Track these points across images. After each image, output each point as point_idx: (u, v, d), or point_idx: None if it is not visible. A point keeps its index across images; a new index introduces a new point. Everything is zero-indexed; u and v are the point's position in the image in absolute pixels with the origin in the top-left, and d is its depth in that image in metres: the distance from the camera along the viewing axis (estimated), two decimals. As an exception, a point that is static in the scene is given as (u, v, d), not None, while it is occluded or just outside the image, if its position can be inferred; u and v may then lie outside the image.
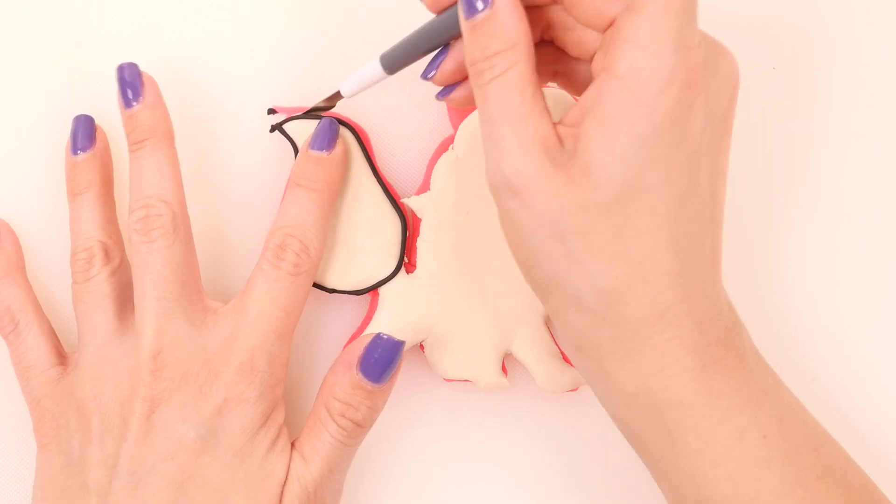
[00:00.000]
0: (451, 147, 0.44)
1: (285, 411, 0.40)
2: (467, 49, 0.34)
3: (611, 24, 0.34)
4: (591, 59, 0.36)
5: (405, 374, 0.45)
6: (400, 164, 0.46)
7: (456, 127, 0.45)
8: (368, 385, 0.40)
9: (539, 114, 0.34)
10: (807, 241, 0.47)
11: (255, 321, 0.39)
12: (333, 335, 0.45)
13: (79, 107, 0.45)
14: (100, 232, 0.42)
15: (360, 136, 0.44)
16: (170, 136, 0.42)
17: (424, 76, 0.38)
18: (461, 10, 0.34)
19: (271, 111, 0.44)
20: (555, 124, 0.34)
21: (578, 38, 0.36)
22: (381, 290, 0.44)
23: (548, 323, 0.44)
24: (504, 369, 0.44)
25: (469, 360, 0.44)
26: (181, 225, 0.40)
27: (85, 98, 0.45)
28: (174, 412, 0.38)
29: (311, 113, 0.43)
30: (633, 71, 0.32)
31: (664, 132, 0.32)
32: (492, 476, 0.45)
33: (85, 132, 0.43)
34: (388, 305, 0.44)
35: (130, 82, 0.42)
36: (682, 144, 0.33)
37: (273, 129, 0.44)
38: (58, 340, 0.43)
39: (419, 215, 0.44)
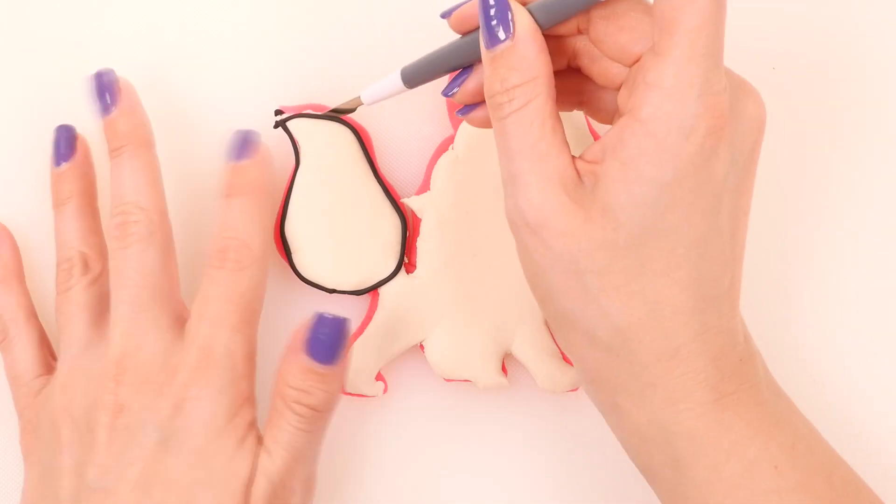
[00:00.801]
0: (451, 147, 0.44)
1: (256, 409, 0.40)
2: (487, 80, 0.34)
3: (637, 60, 0.34)
4: (617, 89, 0.35)
5: (405, 375, 0.45)
6: (400, 164, 0.46)
7: (456, 127, 0.45)
8: (319, 368, 0.38)
9: (558, 149, 0.33)
10: (819, 254, 0.47)
11: (206, 319, 0.39)
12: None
13: (79, 109, 0.45)
14: (80, 242, 0.42)
15: (361, 136, 0.44)
16: (147, 142, 0.42)
17: (446, 94, 0.37)
18: (482, 40, 0.34)
19: (278, 112, 0.44)
20: (574, 158, 0.34)
21: (605, 68, 0.36)
22: (381, 290, 0.44)
23: (547, 323, 0.44)
24: (504, 369, 0.44)
25: (469, 360, 0.44)
26: (157, 231, 0.40)
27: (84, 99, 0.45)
28: (136, 416, 0.38)
29: (330, 114, 0.43)
30: (656, 117, 0.32)
31: (687, 178, 0.32)
32: (492, 476, 0.45)
33: (66, 142, 0.44)
34: (388, 305, 0.44)
35: (108, 89, 0.42)
36: (704, 188, 0.32)
37: (277, 125, 0.44)
38: (49, 350, 0.43)
39: (419, 215, 0.44)
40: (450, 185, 0.44)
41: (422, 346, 0.44)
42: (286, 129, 0.44)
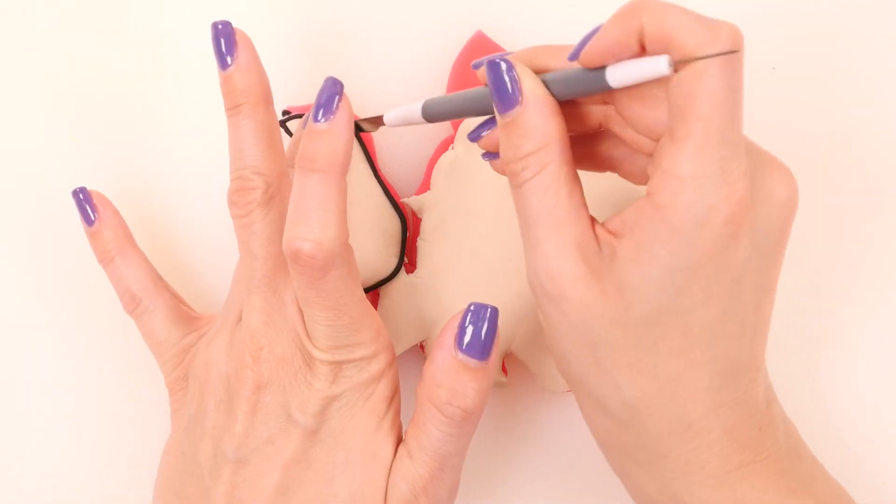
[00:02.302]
0: (451, 147, 0.45)
1: (395, 387, 0.39)
2: (501, 146, 0.34)
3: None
4: (650, 155, 0.34)
5: (405, 375, 0.45)
6: (400, 164, 0.46)
7: (456, 127, 0.45)
8: (472, 363, 0.36)
9: (575, 214, 0.33)
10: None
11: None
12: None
13: (93, 86, 0.45)
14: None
15: (362, 136, 0.44)
16: (265, 100, 0.40)
17: (471, 138, 0.36)
18: (494, 104, 0.33)
19: (285, 112, 0.44)
20: (594, 223, 0.33)
21: (635, 136, 0.34)
22: (382, 290, 0.44)
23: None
24: (504, 369, 0.44)
25: (469, 360, 0.44)
26: (275, 195, 0.39)
27: (96, 91, 0.46)
28: (276, 396, 0.37)
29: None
30: (672, 205, 0.30)
31: (703, 265, 0.31)
32: (491, 476, 0.45)
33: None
34: (389, 305, 0.44)
35: (225, 42, 0.39)
36: (722, 274, 0.31)
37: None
38: (184, 306, 0.43)
39: (419, 215, 0.44)
40: (450, 185, 0.44)
41: (422, 346, 0.44)
42: (286, 130, 0.44)
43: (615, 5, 0.48)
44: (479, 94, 0.35)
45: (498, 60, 0.33)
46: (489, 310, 0.36)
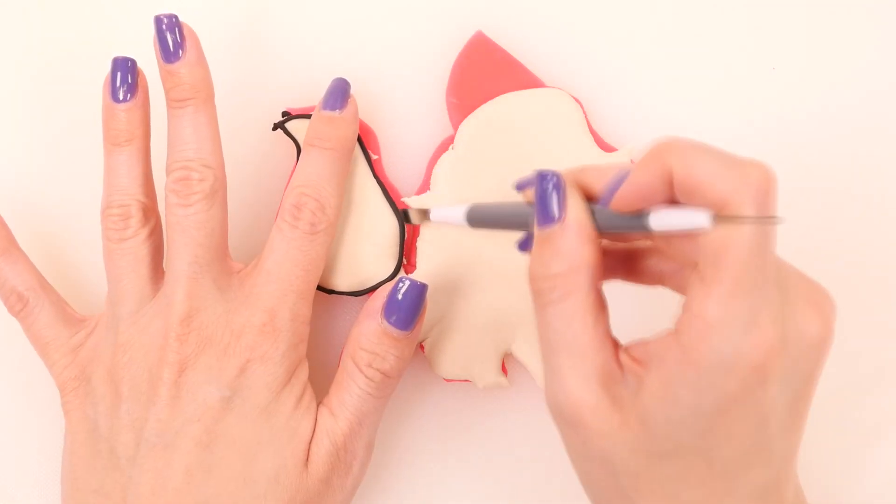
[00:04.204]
0: (451, 147, 0.44)
1: (309, 370, 0.41)
2: (532, 260, 0.33)
3: None
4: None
5: (405, 375, 0.45)
6: (400, 164, 0.46)
7: (456, 127, 0.45)
8: (394, 332, 0.40)
9: (600, 343, 0.32)
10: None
11: (275, 281, 0.40)
12: (333, 336, 0.45)
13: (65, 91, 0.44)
14: (139, 190, 0.41)
15: (362, 136, 0.44)
16: (211, 97, 0.41)
17: (520, 249, 0.36)
18: (535, 216, 0.33)
19: (285, 114, 0.44)
20: (618, 349, 0.33)
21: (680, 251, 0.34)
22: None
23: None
24: (504, 369, 0.44)
25: (469, 360, 0.44)
26: (219, 190, 0.40)
27: (76, 90, 0.46)
28: (200, 375, 0.38)
29: (401, 218, 0.43)
30: (698, 349, 0.30)
31: (729, 410, 0.30)
32: (491, 476, 0.45)
33: (129, 77, 0.41)
34: (388, 305, 0.44)
35: (171, 35, 0.40)
36: (749, 415, 0.31)
37: (275, 127, 0.44)
38: (69, 307, 0.43)
39: (419, 215, 0.44)
40: (450, 185, 0.44)
41: (422, 346, 0.44)
42: (286, 131, 0.44)
43: (615, 5, 0.48)
44: (525, 210, 0.34)
45: (549, 174, 0.33)
46: (418, 284, 0.40)
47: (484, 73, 0.45)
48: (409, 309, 0.40)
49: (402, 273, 0.44)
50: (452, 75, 0.45)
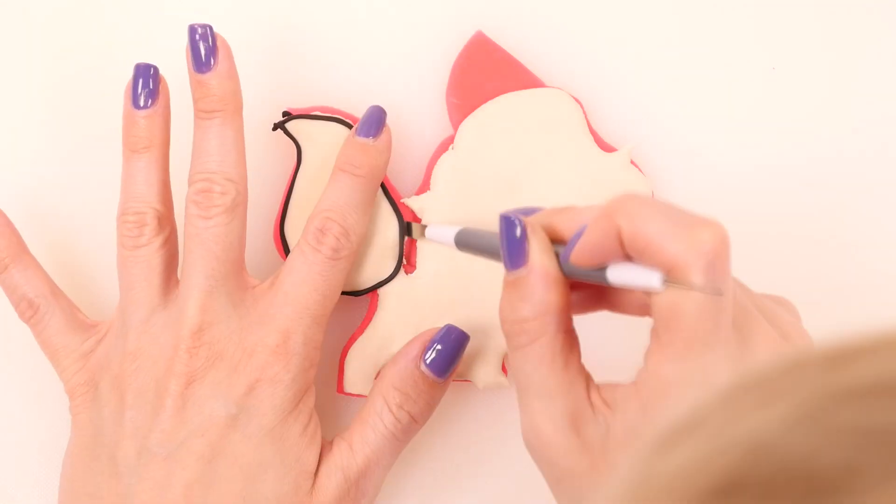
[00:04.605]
0: (451, 147, 0.44)
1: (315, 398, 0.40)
2: (501, 302, 0.33)
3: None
4: None
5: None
6: (400, 164, 0.46)
7: (456, 127, 0.45)
8: (431, 377, 0.40)
9: (568, 385, 0.32)
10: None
11: (292, 303, 0.39)
12: (333, 336, 0.45)
13: (79, 97, 0.44)
14: (155, 198, 0.40)
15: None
16: (239, 110, 0.41)
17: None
18: (503, 260, 0.33)
19: (286, 114, 0.44)
20: (590, 387, 0.33)
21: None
22: (381, 290, 0.44)
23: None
24: (504, 369, 0.44)
25: (469, 360, 0.44)
26: (241, 204, 0.40)
27: (84, 90, 0.46)
28: (207, 390, 0.38)
29: (401, 218, 0.43)
30: (654, 406, 0.30)
31: None
32: (491, 476, 0.45)
33: (151, 85, 0.41)
34: (388, 306, 0.44)
35: (204, 44, 0.40)
36: None
37: (275, 127, 0.44)
38: (80, 313, 0.43)
39: (419, 215, 0.44)
40: (450, 185, 0.44)
41: (422, 347, 0.44)
42: (285, 131, 0.43)
43: (615, 6, 0.48)
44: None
45: (513, 219, 0.33)
46: (462, 334, 0.41)
47: (484, 74, 0.45)
48: (448, 356, 0.40)
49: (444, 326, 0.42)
50: (452, 75, 0.45)
